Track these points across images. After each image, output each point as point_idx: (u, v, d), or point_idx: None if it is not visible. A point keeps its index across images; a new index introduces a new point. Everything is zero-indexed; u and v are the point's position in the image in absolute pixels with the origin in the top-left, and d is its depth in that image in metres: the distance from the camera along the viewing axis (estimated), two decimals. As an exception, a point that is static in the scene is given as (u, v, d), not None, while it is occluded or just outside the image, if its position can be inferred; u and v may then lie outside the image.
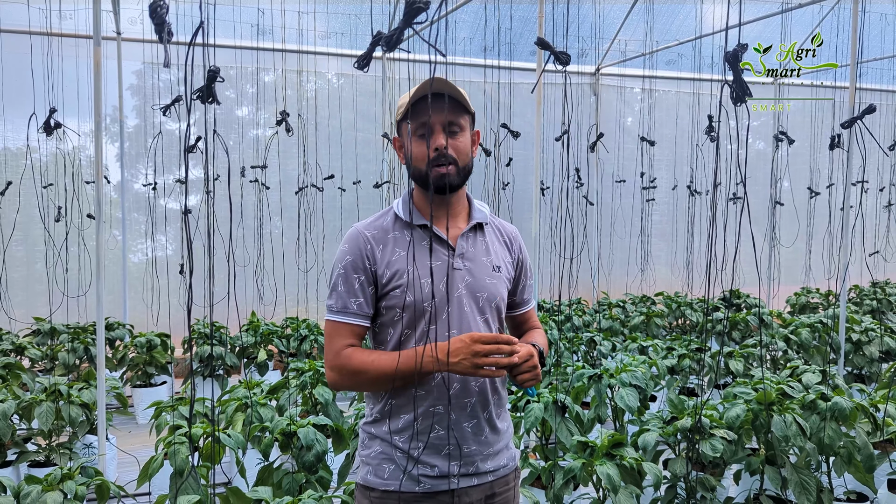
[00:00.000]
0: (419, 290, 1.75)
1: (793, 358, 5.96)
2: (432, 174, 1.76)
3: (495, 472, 1.84)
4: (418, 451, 1.76)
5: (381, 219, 1.86)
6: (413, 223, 1.81)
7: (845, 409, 3.48)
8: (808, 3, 6.40)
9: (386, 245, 1.80)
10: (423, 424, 1.76)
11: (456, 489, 1.77)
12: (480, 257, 1.86)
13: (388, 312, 1.78)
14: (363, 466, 1.82)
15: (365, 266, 1.78)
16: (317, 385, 4.39)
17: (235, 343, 6.36)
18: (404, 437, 1.76)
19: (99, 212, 3.74)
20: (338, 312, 1.78)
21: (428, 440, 1.76)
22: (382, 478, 1.76)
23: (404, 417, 1.77)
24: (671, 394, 3.85)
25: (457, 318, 1.78)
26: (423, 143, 1.75)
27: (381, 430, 1.79)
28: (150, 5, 1.27)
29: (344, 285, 1.78)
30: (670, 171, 9.00)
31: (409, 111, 1.74)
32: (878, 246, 8.71)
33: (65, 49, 6.21)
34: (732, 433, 3.49)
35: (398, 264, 1.77)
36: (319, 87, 7.64)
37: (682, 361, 5.36)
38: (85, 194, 6.73)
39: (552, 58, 2.01)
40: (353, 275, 1.77)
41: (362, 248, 1.79)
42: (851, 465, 3.53)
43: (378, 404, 1.81)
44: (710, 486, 3.45)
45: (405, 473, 1.75)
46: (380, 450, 1.78)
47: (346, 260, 1.79)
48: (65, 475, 3.09)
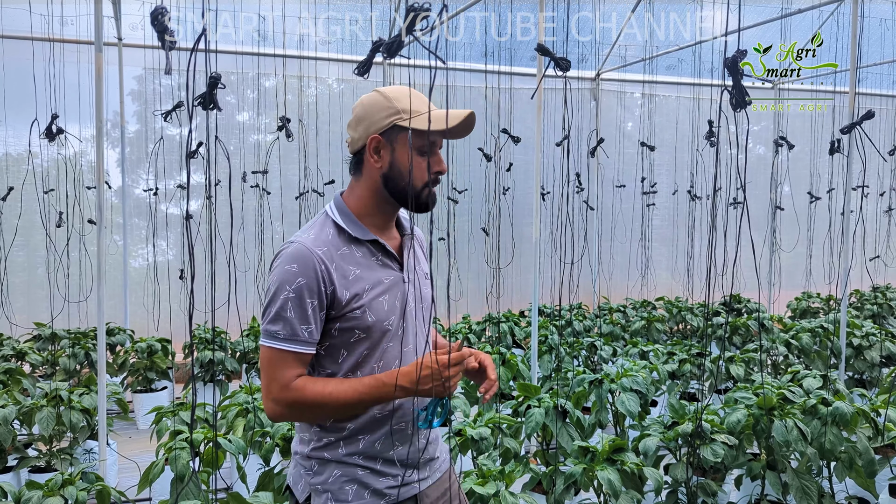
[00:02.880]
0: (381, 309, 1.70)
1: (794, 363, 5.96)
2: (427, 194, 1.72)
3: (443, 464, 1.89)
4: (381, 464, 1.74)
5: (322, 232, 1.71)
6: (362, 239, 1.73)
7: (846, 414, 3.48)
8: (808, 8, 6.41)
9: (338, 263, 1.67)
10: (384, 444, 1.72)
11: (418, 493, 1.77)
12: (416, 267, 1.84)
13: (342, 334, 1.68)
14: (318, 495, 1.71)
15: (320, 290, 1.63)
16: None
17: (236, 348, 6.36)
18: (363, 457, 1.71)
19: (100, 217, 3.75)
20: (285, 340, 1.62)
21: (389, 456, 1.73)
22: (347, 500, 1.69)
23: (364, 439, 1.71)
24: (672, 399, 3.85)
25: (411, 333, 1.78)
26: (424, 161, 1.70)
27: (336, 454, 1.71)
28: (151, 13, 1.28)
29: (294, 311, 1.62)
30: (671, 175, 9.01)
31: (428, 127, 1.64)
32: (878, 250, 8.71)
33: (66, 55, 6.22)
34: (733, 438, 3.49)
35: (357, 284, 1.68)
36: (320, 92, 7.65)
37: (682, 366, 5.36)
38: (86, 199, 6.74)
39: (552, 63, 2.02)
40: (306, 299, 1.62)
41: (317, 269, 1.63)
42: (853, 471, 3.53)
43: (329, 430, 1.72)
44: (712, 491, 3.45)
45: (402, 482, 1.74)
46: (339, 473, 1.70)
47: (297, 282, 1.62)
48: (66, 481, 3.09)
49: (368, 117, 1.69)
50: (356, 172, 1.77)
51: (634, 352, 5.83)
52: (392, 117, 1.67)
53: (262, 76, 7.32)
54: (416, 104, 1.68)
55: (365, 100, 1.73)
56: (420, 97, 1.71)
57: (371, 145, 1.70)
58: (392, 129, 1.68)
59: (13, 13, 6.18)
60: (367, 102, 1.71)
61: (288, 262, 1.64)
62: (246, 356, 6.33)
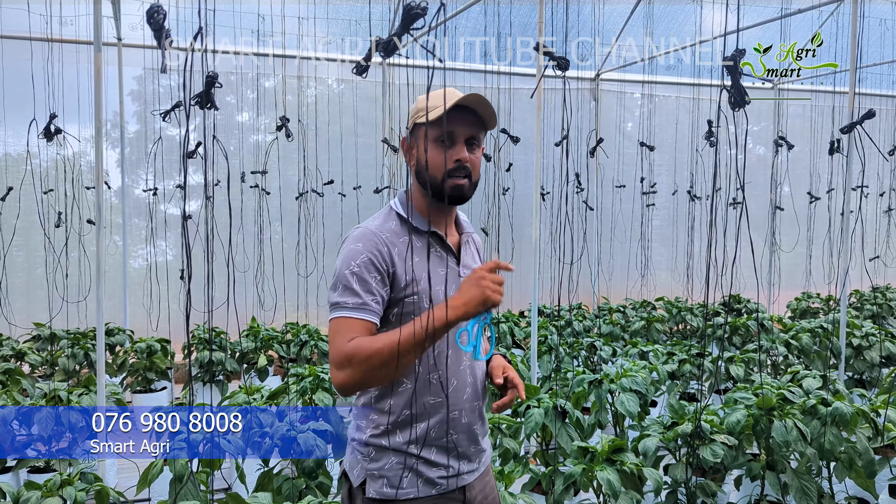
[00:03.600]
0: (438, 297, 1.75)
1: (793, 363, 5.96)
2: (449, 184, 1.77)
3: (487, 458, 1.96)
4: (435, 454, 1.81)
5: (387, 222, 1.81)
6: (422, 230, 1.82)
7: (846, 414, 3.47)
8: (808, 8, 6.41)
9: (399, 249, 1.76)
10: (440, 431, 1.79)
11: (466, 485, 1.85)
12: (472, 265, 1.92)
13: (399, 320, 1.74)
14: (373, 480, 1.78)
15: (383, 267, 1.73)
16: (317, 390, 4.39)
17: (235, 348, 6.35)
18: (418, 445, 1.78)
19: (99, 217, 3.75)
20: (352, 309, 1.69)
21: (443, 444, 1.81)
22: (400, 487, 1.76)
23: (419, 426, 1.78)
24: (672, 399, 3.85)
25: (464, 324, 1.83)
26: (442, 152, 1.76)
27: (395, 442, 1.78)
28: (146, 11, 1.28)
29: (359, 284, 1.70)
30: (670, 176, 9.01)
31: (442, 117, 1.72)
32: (878, 251, 8.70)
33: (65, 55, 6.22)
34: (733, 438, 3.49)
35: (416, 270, 1.77)
36: (319, 92, 7.64)
37: (682, 366, 5.35)
38: (85, 200, 6.74)
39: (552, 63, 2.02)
40: (370, 273, 1.71)
41: (380, 248, 1.74)
42: (852, 471, 3.53)
43: (388, 416, 1.79)
44: (711, 491, 3.44)
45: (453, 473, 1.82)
46: (395, 460, 1.77)
47: (360, 258, 1.72)
48: (64, 481, 3.09)
49: (408, 121, 1.86)
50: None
51: (634, 352, 5.82)
52: (413, 117, 1.82)
53: (261, 76, 7.32)
54: (436, 100, 1.74)
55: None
56: (451, 92, 1.76)
57: (403, 147, 1.87)
58: (414, 128, 1.82)
59: (12, 13, 6.18)
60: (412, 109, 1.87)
61: (353, 242, 1.76)
62: (245, 356, 6.32)
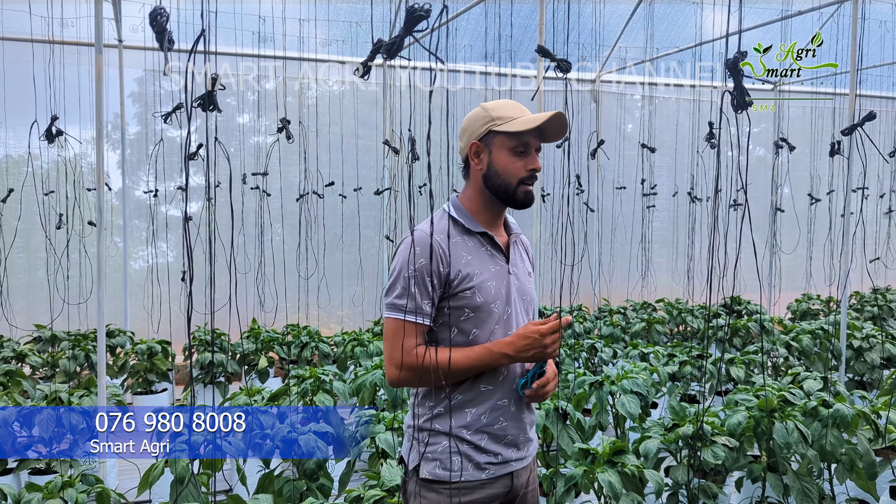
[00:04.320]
0: (489, 292, 1.92)
1: (794, 364, 5.95)
2: (522, 190, 1.95)
3: (534, 450, 2.06)
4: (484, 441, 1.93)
5: (440, 224, 1.94)
6: (475, 231, 1.96)
7: (847, 416, 3.47)
8: (808, 10, 6.41)
9: (453, 249, 1.90)
10: (490, 417, 1.92)
11: (513, 472, 1.97)
12: (520, 264, 2.06)
13: (454, 312, 1.90)
14: (427, 462, 1.90)
15: (438, 270, 1.87)
16: (318, 392, 4.39)
17: (236, 350, 6.35)
18: (471, 430, 1.91)
19: (100, 219, 3.75)
20: (410, 312, 1.85)
21: (494, 431, 1.93)
22: (453, 470, 1.88)
23: (471, 412, 1.91)
24: (672, 401, 3.84)
25: (514, 321, 1.98)
26: (518, 160, 1.93)
27: (446, 426, 1.90)
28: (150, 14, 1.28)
29: (418, 287, 1.85)
30: (671, 177, 9.00)
31: (537, 129, 1.91)
32: (878, 252, 8.70)
33: (66, 57, 6.22)
34: (734, 440, 3.48)
35: (468, 267, 1.90)
36: (320, 94, 7.65)
37: (683, 368, 5.35)
38: (86, 201, 6.74)
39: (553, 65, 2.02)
40: (426, 277, 1.85)
41: (436, 251, 1.87)
42: (853, 473, 3.52)
43: (441, 401, 1.91)
44: (712, 493, 3.44)
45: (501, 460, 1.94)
46: (447, 444, 1.89)
47: (419, 262, 1.85)
48: (65, 483, 3.09)
49: (470, 127, 1.97)
50: (466, 176, 2.02)
51: (635, 353, 5.82)
52: (487, 124, 1.93)
53: (262, 78, 7.32)
54: (510, 111, 1.93)
55: (469, 114, 2.00)
56: (517, 105, 1.96)
57: (472, 150, 1.96)
58: (488, 135, 1.93)
59: (13, 15, 6.18)
60: (470, 116, 1.99)
61: (411, 246, 1.87)
62: (246, 358, 6.33)
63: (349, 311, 8.11)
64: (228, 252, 3.54)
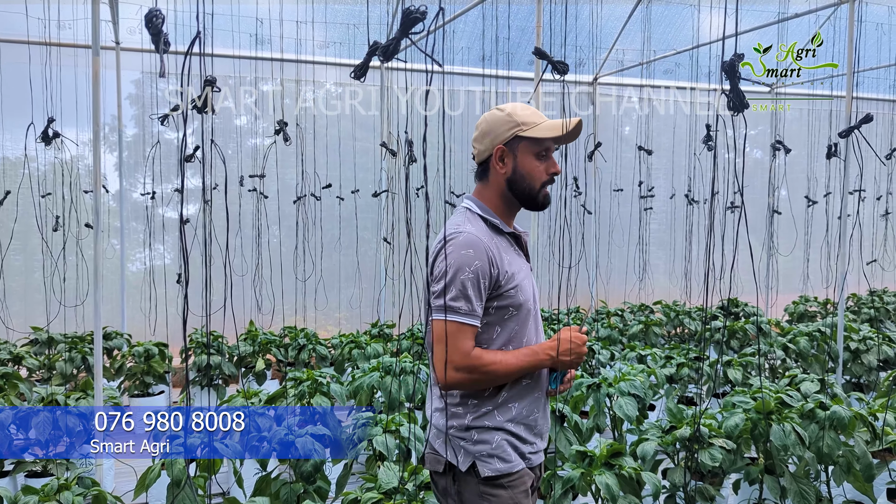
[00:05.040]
0: (526, 290, 2.00)
1: (791, 366, 5.95)
2: (543, 193, 2.01)
3: None
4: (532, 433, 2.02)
5: (477, 225, 1.97)
6: (505, 231, 2.02)
7: (844, 418, 3.47)
8: (805, 12, 6.43)
9: (497, 250, 1.94)
10: (528, 409, 2.00)
11: (540, 463, 2.09)
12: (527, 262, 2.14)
13: (497, 312, 1.94)
14: (487, 460, 1.94)
15: (491, 272, 1.90)
16: (315, 394, 4.38)
17: (233, 352, 6.34)
18: (515, 423, 1.97)
19: (97, 221, 3.74)
20: (466, 315, 1.87)
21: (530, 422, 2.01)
22: (511, 461, 1.95)
23: (515, 406, 1.98)
24: (670, 403, 3.84)
25: (538, 317, 2.08)
26: (541, 164, 1.99)
27: (495, 421, 1.95)
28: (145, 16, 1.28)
29: (473, 289, 1.87)
30: (668, 180, 9.01)
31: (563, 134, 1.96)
32: (875, 254, 8.72)
33: (63, 59, 6.22)
34: (731, 442, 3.48)
35: (511, 267, 1.96)
36: (318, 96, 7.65)
37: (680, 370, 5.35)
38: (83, 203, 6.73)
39: (550, 67, 2.03)
40: (481, 280, 1.88)
41: (488, 253, 1.90)
42: (850, 475, 3.52)
43: (486, 399, 1.96)
44: (709, 495, 3.44)
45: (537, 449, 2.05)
46: (499, 437, 1.95)
47: (474, 265, 1.87)
48: (62, 486, 3.08)
49: (493, 131, 2.00)
50: (483, 178, 2.05)
51: (632, 356, 5.81)
52: (513, 129, 1.97)
53: (259, 80, 7.32)
54: (532, 116, 1.98)
55: (488, 117, 2.02)
56: (534, 109, 2.02)
57: (497, 154, 1.99)
58: (513, 140, 1.98)
59: (10, 17, 6.18)
60: (491, 119, 2.01)
61: (464, 248, 1.89)
62: (243, 360, 6.32)
63: (347, 313, 8.10)
64: (225, 254, 3.54)
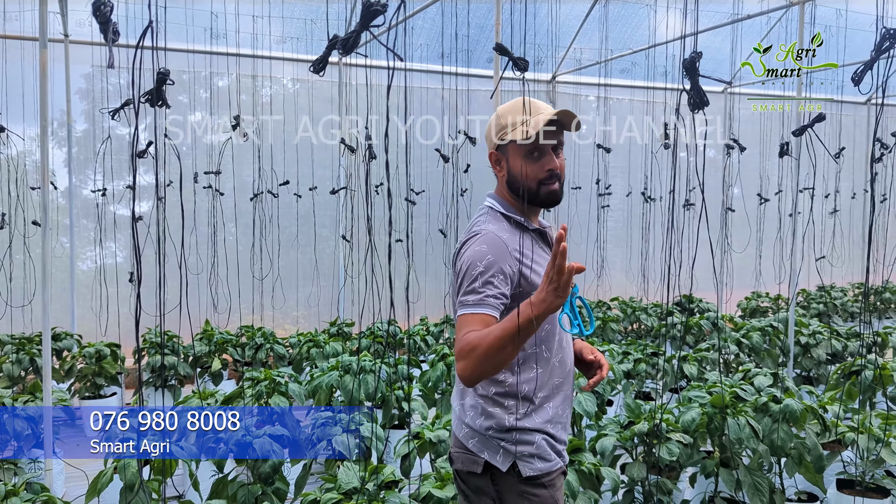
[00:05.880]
0: None
1: (745, 361, 6.07)
2: (544, 191, 1.95)
3: None
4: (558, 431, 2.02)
5: (498, 224, 1.97)
6: (529, 228, 2.01)
7: (796, 411, 3.55)
8: (757, 14, 6.55)
9: (518, 247, 1.93)
10: (562, 408, 2.01)
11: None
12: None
13: (513, 301, 1.88)
14: (528, 460, 1.93)
15: (508, 269, 1.87)
16: (273, 394, 4.32)
17: (188, 352, 6.23)
18: (552, 423, 1.98)
19: (45, 218, 3.63)
20: (472, 305, 1.82)
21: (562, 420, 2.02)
22: (551, 459, 1.96)
23: (549, 406, 1.97)
24: (628, 398, 3.88)
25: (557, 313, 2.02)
26: (534, 164, 1.94)
27: (535, 423, 1.95)
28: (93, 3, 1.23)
29: (482, 283, 1.83)
30: (625, 178, 9.11)
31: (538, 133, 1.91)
32: (824, 251, 8.94)
33: (10, 51, 6.02)
34: (688, 437, 3.53)
35: (537, 264, 1.95)
36: (275, 92, 7.54)
37: (637, 366, 5.41)
38: (31, 200, 6.53)
39: (510, 64, 2.02)
40: (494, 276, 1.85)
41: (507, 251, 1.89)
42: (802, 466, 3.61)
43: (526, 400, 1.95)
44: (667, 489, 3.48)
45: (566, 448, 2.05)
46: (539, 437, 1.95)
47: (486, 259, 1.85)
48: (9, 492, 2.98)
49: (488, 136, 2.02)
50: (497, 179, 2.06)
51: (590, 352, 5.85)
52: (499, 132, 1.97)
53: (215, 75, 7.19)
54: (517, 115, 1.94)
55: (491, 118, 2.02)
56: (527, 104, 1.96)
57: (492, 159, 2.02)
58: (502, 143, 1.97)
59: (-48, 7, 5.97)
60: (490, 122, 2.02)
61: (479, 244, 1.89)
62: (199, 360, 6.21)
63: (304, 311, 8.02)
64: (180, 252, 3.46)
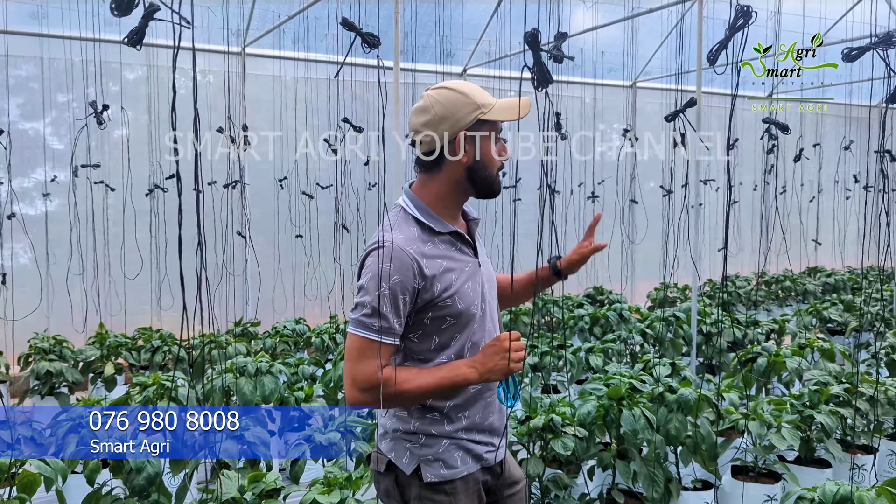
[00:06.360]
0: (467, 295, 1.85)
1: (648, 351, 6.16)
2: (497, 180, 1.90)
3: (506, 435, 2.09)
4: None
5: (407, 230, 1.83)
6: (444, 232, 1.86)
7: (690, 400, 3.57)
8: (658, 8, 6.66)
9: (427, 259, 1.80)
10: (482, 415, 1.91)
11: (502, 459, 2.00)
12: (481, 248, 2.00)
13: (434, 322, 1.82)
14: (428, 464, 1.85)
15: (412, 287, 1.77)
16: (161, 399, 4.09)
17: (79, 357, 5.88)
18: (466, 430, 1.88)
19: None
20: (378, 332, 1.74)
21: (485, 427, 1.93)
22: (456, 467, 1.86)
23: (465, 415, 1.88)
24: (532, 392, 3.84)
25: (487, 314, 1.93)
26: (497, 150, 1.88)
27: (443, 430, 1.86)
28: None
29: (390, 306, 1.74)
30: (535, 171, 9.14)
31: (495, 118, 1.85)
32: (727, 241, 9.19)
33: None
34: (584, 430, 3.50)
35: (447, 276, 1.82)
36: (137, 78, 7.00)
37: (544, 359, 5.40)
38: None
39: (360, 41, 1.91)
40: (399, 296, 1.76)
41: (411, 267, 1.76)
42: (697, 455, 3.63)
43: (432, 409, 1.86)
44: (563, 484, 3.45)
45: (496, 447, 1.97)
46: (447, 443, 1.86)
47: (392, 279, 1.74)
48: None
49: (452, 115, 1.80)
50: (431, 169, 1.86)
51: (498, 346, 5.82)
52: (475, 112, 1.81)
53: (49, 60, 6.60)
54: (486, 96, 1.84)
55: (440, 98, 1.81)
56: (482, 91, 1.87)
57: (458, 141, 1.81)
58: (476, 124, 1.82)
59: None
60: (446, 101, 1.81)
61: (385, 261, 1.76)
62: (91, 365, 5.88)
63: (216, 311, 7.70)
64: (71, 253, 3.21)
